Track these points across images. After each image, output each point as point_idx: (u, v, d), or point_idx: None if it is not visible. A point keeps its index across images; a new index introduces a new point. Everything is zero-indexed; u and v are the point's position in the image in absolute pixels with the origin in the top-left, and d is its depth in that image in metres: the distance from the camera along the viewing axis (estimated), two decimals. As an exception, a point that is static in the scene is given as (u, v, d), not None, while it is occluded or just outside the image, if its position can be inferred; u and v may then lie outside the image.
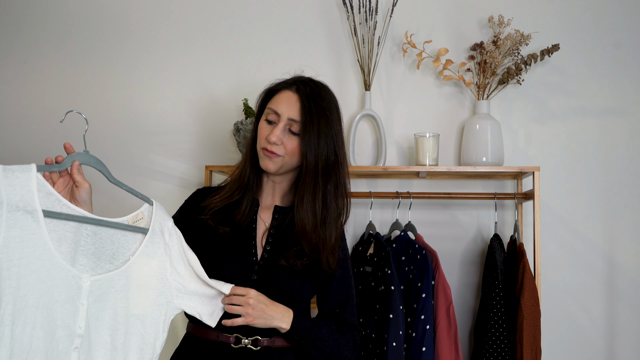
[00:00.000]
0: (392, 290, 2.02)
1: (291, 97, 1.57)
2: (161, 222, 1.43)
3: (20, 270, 1.20)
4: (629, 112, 2.40)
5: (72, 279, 1.27)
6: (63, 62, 2.47)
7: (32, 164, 1.26)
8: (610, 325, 2.35)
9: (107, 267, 1.33)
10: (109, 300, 1.32)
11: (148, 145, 2.44)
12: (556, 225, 2.38)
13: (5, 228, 1.19)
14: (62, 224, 1.28)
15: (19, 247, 1.20)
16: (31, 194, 1.23)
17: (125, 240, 1.37)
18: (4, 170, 1.21)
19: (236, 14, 2.47)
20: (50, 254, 1.25)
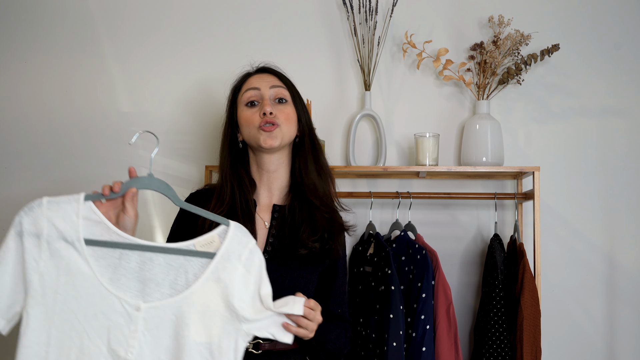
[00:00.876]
0: (392, 290, 2.02)
1: (261, 75, 1.65)
2: (237, 246, 1.34)
3: (65, 298, 1.24)
4: (629, 112, 2.40)
5: (120, 305, 1.26)
6: (63, 61, 2.46)
7: (81, 193, 1.30)
8: (610, 325, 2.35)
9: (166, 292, 1.29)
10: (168, 327, 1.27)
11: (148, 145, 2.44)
12: (556, 225, 2.38)
13: (48, 257, 1.25)
14: (110, 251, 1.29)
15: (63, 276, 1.25)
16: (74, 224, 1.27)
17: (189, 264, 1.31)
18: (48, 202, 1.28)
19: (236, 14, 2.47)
20: (94, 281, 1.26)
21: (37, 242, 1.25)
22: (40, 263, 1.25)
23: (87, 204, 1.30)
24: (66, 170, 2.43)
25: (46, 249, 1.25)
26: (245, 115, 1.59)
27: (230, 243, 1.33)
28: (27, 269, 1.25)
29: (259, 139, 1.56)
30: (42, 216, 1.27)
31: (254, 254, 1.34)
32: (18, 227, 1.27)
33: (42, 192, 2.45)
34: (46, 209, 1.28)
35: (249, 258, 1.33)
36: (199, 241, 1.32)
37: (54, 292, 1.25)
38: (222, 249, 1.32)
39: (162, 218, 2.41)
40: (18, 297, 1.26)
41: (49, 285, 1.24)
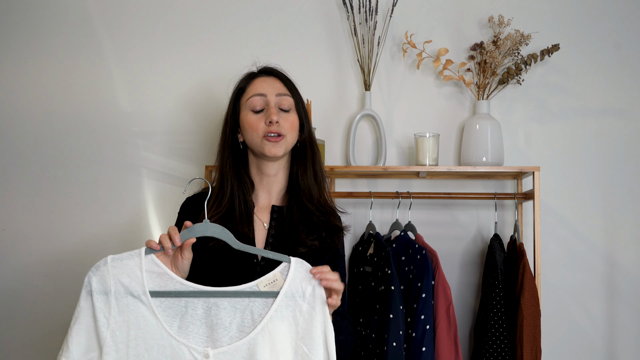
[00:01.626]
0: (392, 290, 2.02)
1: (266, 79, 1.64)
2: (300, 284, 1.35)
3: (137, 351, 1.30)
4: (629, 112, 2.40)
5: (189, 353, 1.30)
6: (63, 61, 2.46)
7: (142, 248, 1.35)
8: (610, 325, 2.35)
9: (234, 335, 1.32)
10: None
11: (148, 145, 2.44)
12: (556, 225, 2.38)
13: (117, 312, 1.31)
14: (176, 300, 1.33)
15: (133, 330, 1.31)
16: (139, 278, 1.32)
17: (254, 305, 1.33)
18: (112, 260, 1.33)
19: (236, 14, 2.47)
20: (163, 332, 1.30)
21: (106, 300, 1.31)
22: (110, 320, 1.30)
23: (149, 257, 1.35)
24: (66, 170, 2.43)
25: (115, 305, 1.31)
26: (250, 120, 1.59)
27: (293, 280, 1.34)
28: (99, 326, 1.30)
29: (264, 149, 1.57)
30: (108, 274, 1.32)
31: (317, 289, 1.35)
32: (88, 287, 1.32)
33: (42, 192, 2.47)
34: (111, 266, 1.32)
35: (312, 294, 1.35)
36: (261, 281, 1.34)
37: (126, 346, 1.30)
38: (285, 286, 1.34)
39: (161, 218, 2.41)
40: (94, 354, 1.31)
41: (121, 340, 1.30)
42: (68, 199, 2.42)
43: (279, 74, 1.66)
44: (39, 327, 2.39)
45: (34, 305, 2.39)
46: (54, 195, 2.42)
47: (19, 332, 2.39)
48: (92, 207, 2.42)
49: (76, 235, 2.41)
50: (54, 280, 2.40)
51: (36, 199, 2.43)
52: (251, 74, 1.67)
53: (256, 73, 1.67)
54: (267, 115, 1.57)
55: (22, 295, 2.40)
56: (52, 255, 2.41)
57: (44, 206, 2.42)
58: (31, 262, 2.41)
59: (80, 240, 2.41)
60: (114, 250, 2.42)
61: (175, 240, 1.35)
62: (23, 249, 2.41)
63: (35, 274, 2.40)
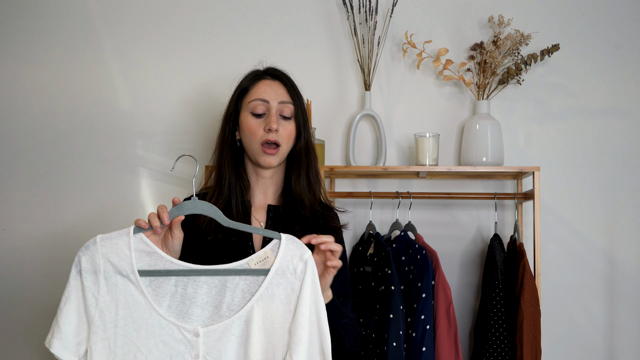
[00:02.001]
0: (392, 290, 2.02)
1: (271, 83, 1.62)
2: (291, 260, 1.33)
3: (125, 330, 1.29)
4: (629, 112, 2.40)
5: (179, 332, 1.29)
6: (63, 61, 2.46)
7: (130, 227, 1.34)
8: (610, 325, 2.35)
9: (224, 314, 1.31)
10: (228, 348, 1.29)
11: (147, 145, 2.44)
12: (556, 225, 2.38)
13: (106, 292, 1.30)
14: (166, 279, 1.32)
15: (122, 310, 1.30)
16: (127, 257, 1.31)
17: (244, 283, 1.32)
18: (101, 239, 1.32)
19: (236, 14, 2.47)
20: (152, 311, 1.30)
21: (95, 279, 1.30)
22: (99, 299, 1.30)
23: (138, 236, 1.34)
24: (66, 170, 2.43)
25: (104, 284, 1.30)
26: (249, 124, 1.59)
27: (283, 257, 1.33)
28: (88, 305, 1.30)
29: (259, 158, 1.57)
30: (97, 253, 1.31)
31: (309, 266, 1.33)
32: (77, 266, 1.31)
33: (42, 192, 2.47)
34: (100, 245, 1.31)
35: (304, 271, 1.33)
36: (252, 259, 1.33)
37: (114, 325, 1.29)
38: (275, 264, 1.32)
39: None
40: (83, 334, 1.31)
41: (109, 319, 1.29)
42: (68, 199, 2.42)
43: (283, 79, 1.64)
44: (39, 327, 2.39)
45: (34, 305, 2.39)
46: (54, 195, 2.42)
47: (19, 332, 2.39)
48: (92, 207, 2.42)
49: (76, 235, 2.41)
50: (54, 280, 2.40)
51: (36, 199, 2.43)
52: (256, 74, 1.65)
53: (261, 74, 1.65)
54: (267, 122, 1.57)
55: (22, 295, 2.40)
56: (52, 255, 2.41)
57: (44, 206, 2.42)
58: (31, 262, 2.41)
59: (80, 240, 2.39)
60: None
61: (163, 219, 1.34)
62: (23, 249, 2.41)
63: (35, 274, 2.40)
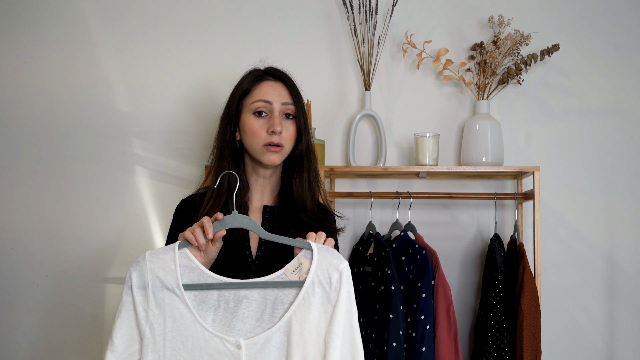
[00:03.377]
0: (392, 290, 2.02)
1: (274, 84, 1.62)
2: (327, 269, 1.35)
3: (173, 343, 1.34)
4: (629, 112, 2.40)
5: (222, 345, 1.33)
6: (62, 61, 2.46)
7: (176, 243, 1.39)
8: (610, 325, 2.35)
9: (266, 325, 1.34)
10: (267, 359, 1.32)
11: (147, 145, 2.44)
12: (556, 225, 2.38)
13: (155, 306, 1.35)
14: (209, 294, 1.36)
15: (169, 323, 1.35)
16: (173, 272, 1.36)
17: (283, 294, 1.36)
18: (149, 255, 1.38)
19: (236, 14, 2.47)
20: (197, 325, 1.34)
21: (144, 294, 1.36)
22: (149, 313, 1.35)
23: (183, 251, 1.38)
24: (66, 170, 2.43)
25: (152, 299, 1.35)
26: (251, 125, 1.58)
27: (319, 266, 1.35)
28: (139, 319, 1.35)
29: (262, 157, 1.57)
30: (146, 269, 1.36)
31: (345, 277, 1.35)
32: (129, 282, 1.36)
33: (42, 192, 2.47)
34: (148, 261, 1.37)
35: (340, 281, 1.35)
36: (287, 268, 1.36)
37: (163, 338, 1.34)
38: (311, 273, 1.35)
39: (160, 218, 2.41)
40: (135, 346, 1.36)
41: (158, 332, 1.35)
42: (68, 199, 2.42)
43: (286, 80, 1.63)
44: (39, 327, 2.39)
45: (34, 305, 2.39)
46: (54, 195, 2.42)
47: (19, 331, 2.39)
48: (91, 207, 2.42)
49: (76, 235, 2.41)
50: (54, 280, 2.39)
51: (36, 199, 2.43)
52: (258, 75, 1.64)
53: (263, 75, 1.64)
54: (270, 124, 1.57)
55: (22, 295, 2.40)
56: (52, 255, 2.41)
57: (44, 206, 2.42)
58: (31, 262, 2.41)
59: (80, 240, 2.41)
60: (113, 250, 2.44)
61: (208, 234, 1.38)
62: (23, 249, 2.41)
63: (35, 274, 2.40)
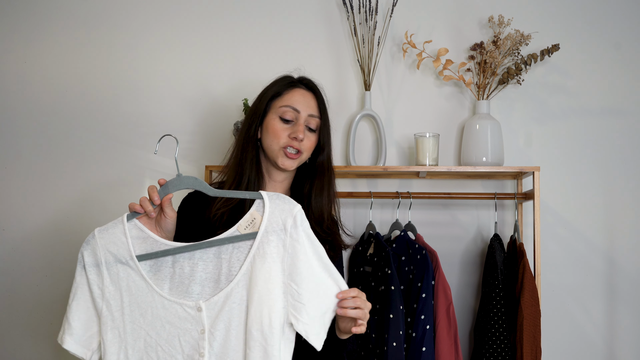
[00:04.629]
0: (392, 290, 2.02)
1: (305, 94, 1.64)
2: (280, 217, 1.31)
3: (132, 317, 1.31)
4: (629, 112, 2.40)
5: (182, 310, 1.30)
6: (63, 61, 2.46)
7: (124, 214, 1.35)
8: (610, 325, 2.35)
9: (224, 285, 1.31)
10: (229, 318, 1.29)
11: (148, 145, 2.44)
12: (556, 225, 2.38)
13: (109, 282, 1.32)
14: (163, 262, 1.33)
15: (126, 297, 1.32)
16: (124, 244, 1.33)
17: (238, 250, 1.32)
18: (99, 232, 1.35)
19: (236, 13, 2.47)
20: (154, 294, 1.31)
21: (97, 271, 1.33)
22: (104, 290, 1.33)
23: (132, 223, 1.35)
24: (66, 170, 2.43)
25: (106, 275, 1.33)
26: (275, 127, 1.60)
27: (271, 214, 1.32)
28: (95, 298, 1.33)
29: (278, 159, 1.59)
30: (97, 245, 1.34)
31: (299, 220, 1.31)
32: (81, 262, 1.35)
33: (42, 192, 2.46)
34: (98, 237, 1.34)
35: (294, 225, 1.31)
36: (240, 224, 1.33)
37: (121, 314, 1.32)
38: (264, 222, 1.31)
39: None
40: (94, 328, 1.33)
41: (116, 308, 1.32)
42: (68, 199, 2.42)
43: (316, 92, 1.67)
44: (39, 327, 2.39)
45: (34, 305, 2.39)
46: (54, 196, 2.42)
47: (19, 331, 2.39)
48: (92, 207, 2.42)
49: (76, 235, 2.41)
50: (54, 280, 2.40)
51: (36, 199, 2.43)
52: (291, 81, 1.68)
53: (296, 82, 1.68)
54: (293, 130, 1.59)
55: (22, 295, 2.40)
56: (52, 254, 2.41)
57: (44, 207, 2.42)
58: (31, 261, 2.41)
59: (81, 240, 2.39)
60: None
61: (154, 199, 1.36)
62: (23, 249, 2.41)
63: (35, 273, 2.40)
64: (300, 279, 1.29)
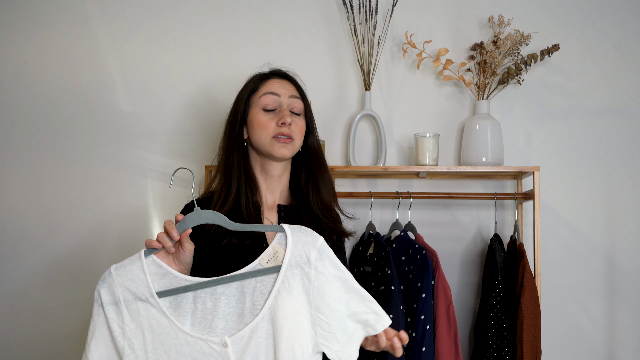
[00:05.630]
0: (392, 290, 2.02)
1: (280, 81, 1.64)
2: (303, 249, 1.32)
3: (156, 354, 1.29)
4: (629, 112, 2.40)
5: (207, 346, 1.29)
6: (62, 62, 2.46)
7: (142, 250, 1.33)
8: (610, 325, 2.35)
9: (248, 319, 1.30)
10: (256, 352, 1.28)
11: (148, 145, 2.44)
12: (556, 225, 2.38)
13: (130, 320, 1.30)
14: (184, 297, 1.31)
15: (148, 334, 1.30)
16: (143, 281, 1.31)
17: (261, 284, 1.31)
18: (115, 269, 1.32)
19: (236, 14, 2.47)
20: (177, 331, 1.29)
21: (117, 310, 1.30)
22: (125, 328, 1.30)
23: (150, 259, 1.34)
24: (66, 170, 2.43)
25: (126, 313, 1.30)
26: (260, 119, 1.58)
27: (294, 247, 1.32)
28: (115, 336, 1.30)
29: (272, 149, 1.57)
30: (114, 283, 1.31)
31: (323, 252, 1.32)
32: (98, 300, 1.31)
33: (42, 192, 2.46)
34: (115, 275, 1.31)
35: (319, 258, 1.32)
36: (263, 257, 1.32)
37: (144, 352, 1.30)
38: (287, 256, 1.31)
39: (161, 219, 2.41)
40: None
41: (138, 346, 1.29)
42: (68, 199, 2.42)
43: (291, 78, 1.66)
44: (39, 327, 2.39)
45: (34, 305, 2.39)
46: (54, 196, 2.42)
47: (19, 331, 2.39)
48: (92, 208, 2.42)
49: (76, 235, 2.41)
50: (54, 280, 2.40)
51: (36, 199, 2.43)
52: (263, 75, 1.66)
53: (268, 74, 1.66)
54: (280, 117, 1.57)
55: (22, 295, 2.40)
56: (52, 255, 2.41)
57: (44, 206, 2.42)
58: (31, 262, 2.41)
59: (81, 240, 2.41)
60: (114, 250, 2.44)
61: (173, 235, 1.33)
62: (23, 249, 2.41)
63: (35, 274, 2.40)
64: (328, 310, 1.30)
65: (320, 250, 1.32)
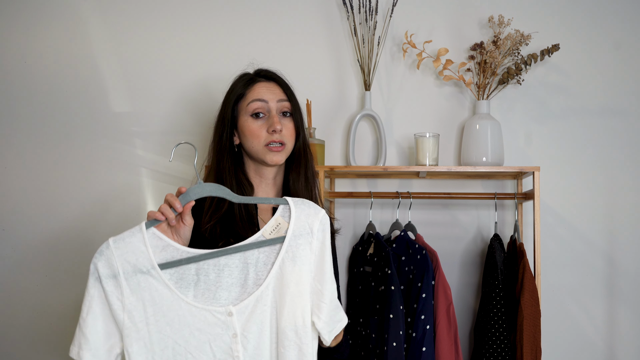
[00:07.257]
0: (392, 290, 2.02)
1: (266, 84, 1.61)
2: (306, 221, 1.34)
3: (158, 326, 1.28)
4: (629, 112, 2.40)
5: (212, 316, 1.29)
6: (62, 61, 2.46)
7: (142, 223, 1.32)
8: (610, 325, 2.35)
9: (252, 289, 1.31)
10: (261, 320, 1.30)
11: (147, 145, 2.44)
12: (556, 225, 2.38)
13: (130, 293, 1.28)
14: (186, 269, 1.31)
15: (150, 307, 1.28)
16: (145, 254, 1.30)
17: (264, 255, 1.33)
18: (114, 241, 1.30)
19: (236, 14, 2.47)
20: (180, 302, 1.29)
21: (116, 283, 1.28)
22: (124, 301, 1.28)
23: (151, 231, 1.33)
24: (66, 170, 2.43)
25: (126, 286, 1.28)
26: (250, 127, 1.57)
27: (298, 219, 1.34)
28: (115, 310, 1.28)
29: (266, 157, 1.56)
30: (113, 256, 1.29)
31: (325, 224, 1.35)
32: (95, 273, 1.29)
33: (42, 192, 2.46)
34: (114, 248, 1.30)
35: (321, 229, 1.34)
36: (265, 229, 1.34)
37: (146, 324, 1.28)
38: (291, 227, 1.33)
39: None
40: (114, 340, 1.29)
41: (139, 319, 1.28)
42: (68, 199, 2.42)
43: (278, 79, 1.63)
44: (39, 327, 2.39)
45: (34, 305, 2.39)
46: (54, 195, 2.42)
47: (19, 331, 2.39)
48: (92, 207, 2.42)
49: (76, 235, 2.41)
50: (54, 280, 2.40)
51: (36, 199, 2.43)
52: (249, 78, 1.63)
53: (254, 77, 1.64)
54: (269, 124, 1.56)
55: (22, 295, 2.40)
56: (52, 255, 2.41)
57: (44, 206, 2.42)
58: (31, 262, 2.41)
59: (80, 240, 2.41)
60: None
61: (176, 206, 1.33)
62: (23, 249, 2.41)
63: (35, 274, 2.40)
64: (324, 279, 1.33)
65: (322, 221, 1.35)
